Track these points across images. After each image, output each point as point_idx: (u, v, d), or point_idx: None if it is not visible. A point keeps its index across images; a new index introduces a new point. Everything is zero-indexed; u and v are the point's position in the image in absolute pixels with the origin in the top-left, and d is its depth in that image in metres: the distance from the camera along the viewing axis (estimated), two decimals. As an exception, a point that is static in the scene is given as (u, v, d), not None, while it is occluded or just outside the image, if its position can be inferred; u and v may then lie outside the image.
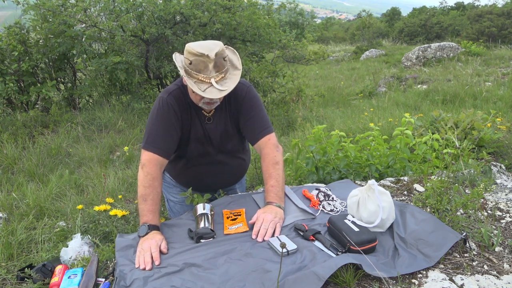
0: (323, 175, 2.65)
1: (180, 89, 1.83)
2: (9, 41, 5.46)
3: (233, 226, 1.64)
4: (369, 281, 1.38)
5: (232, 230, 1.62)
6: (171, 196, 2.18)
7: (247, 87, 1.90)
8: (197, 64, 1.62)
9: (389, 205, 1.65)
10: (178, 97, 1.81)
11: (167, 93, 1.81)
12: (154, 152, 1.75)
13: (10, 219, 2.61)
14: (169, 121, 1.78)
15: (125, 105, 6.07)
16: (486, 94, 6.92)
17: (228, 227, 1.65)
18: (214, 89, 1.63)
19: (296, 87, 8.29)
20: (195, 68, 1.63)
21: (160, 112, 1.78)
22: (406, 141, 2.59)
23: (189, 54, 1.64)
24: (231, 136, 1.92)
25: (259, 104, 1.91)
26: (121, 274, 1.39)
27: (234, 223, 1.67)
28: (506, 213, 1.91)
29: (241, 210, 1.79)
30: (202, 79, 1.63)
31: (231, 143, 1.94)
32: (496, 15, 17.30)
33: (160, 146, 1.76)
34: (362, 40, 20.93)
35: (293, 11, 25.49)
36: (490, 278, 1.38)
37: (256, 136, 1.88)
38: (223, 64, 1.67)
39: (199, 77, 1.63)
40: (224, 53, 1.68)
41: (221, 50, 1.65)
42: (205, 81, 1.63)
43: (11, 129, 4.96)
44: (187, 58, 1.65)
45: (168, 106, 1.78)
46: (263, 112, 1.92)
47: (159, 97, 1.82)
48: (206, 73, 1.63)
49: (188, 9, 6.01)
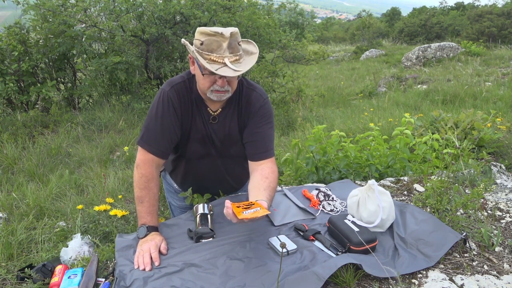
0: (323, 175, 2.65)
1: (185, 82, 1.71)
2: (9, 41, 5.46)
3: (249, 210, 1.42)
4: (369, 281, 1.38)
5: (248, 215, 1.37)
6: (173, 201, 2.14)
7: (264, 99, 1.76)
8: (210, 44, 1.49)
9: (389, 205, 1.65)
10: (181, 92, 1.69)
11: (170, 85, 1.69)
12: (149, 151, 1.67)
13: (10, 219, 2.61)
14: (167, 118, 1.67)
15: (125, 105, 6.06)
16: (486, 94, 6.92)
17: (243, 212, 1.40)
18: (227, 68, 1.49)
19: (296, 87, 8.29)
20: (207, 49, 1.50)
21: (160, 107, 1.67)
22: (406, 141, 2.59)
23: (201, 35, 1.51)
24: (235, 141, 1.79)
25: (271, 122, 1.77)
26: (120, 274, 1.39)
27: (249, 209, 1.43)
28: (506, 213, 1.91)
29: (251, 201, 1.53)
30: (214, 58, 1.49)
31: (234, 148, 1.81)
32: (496, 15, 17.30)
33: (156, 145, 1.68)
34: (362, 40, 20.94)
35: (293, 11, 25.49)
36: (490, 278, 1.38)
37: (256, 155, 1.72)
38: (238, 48, 1.54)
39: (211, 57, 1.49)
40: (239, 38, 1.56)
41: (236, 33, 1.53)
42: (218, 61, 1.49)
43: (11, 129, 4.95)
44: (198, 39, 1.52)
45: (168, 101, 1.66)
46: (271, 132, 1.78)
47: (161, 89, 1.70)
48: (220, 52, 1.49)
49: (188, 9, 6.01)
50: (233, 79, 1.61)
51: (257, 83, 1.89)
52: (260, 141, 1.73)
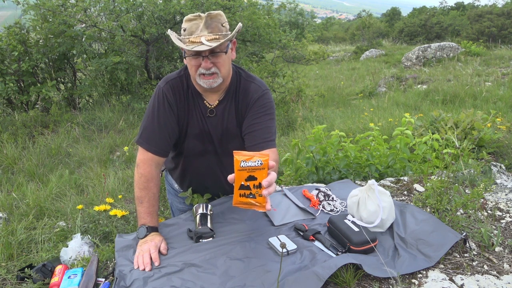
0: (323, 175, 2.65)
1: (181, 77, 1.70)
2: (9, 41, 5.46)
3: (249, 163, 1.25)
4: (369, 281, 1.38)
5: (246, 167, 1.24)
6: (175, 203, 2.13)
7: (263, 90, 1.71)
8: (190, 28, 1.52)
9: (389, 205, 1.65)
10: (176, 87, 1.68)
11: (165, 81, 1.70)
12: (148, 150, 1.66)
13: (10, 219, 2.61)
14: (163, 114, 1.66)
15: (125, 105, 6.07)
16: (486, 94, 6.92)
17: (241, 162, 1.25)
18: (203, 45, 1.49)
19: (296, 87, 8.29)
20: (188, 33, 1.53)
21: (156, 104, 1.67)
22: (406, 141, 2.59)
23: (184, 23, 1.55)
24: (233, 135, 1.74)
25: (271, 113, 1.70)
26: (120, 274, 1.39)
27: (250, 159, 1.25)
28: (506, 213, 1.91)
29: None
30: (193, 40, 1.50)
31: (233, 143, 1.75)
32: (496, 15, 17.31)
33: (154, 143, 1.66)
34: (362, 40, 20.94)
35: (293, 11, 25.49)
36: (490, 278, 1.38)
37: (254, 146, 1.62)
38: (219, 28, 1.53)
39: (190, 38, 1.51)
40: (223, 20, 1.56)
41: (217, 14, 1.54)
42: (195, 41, 1.50)
43: (11, 129, 4.96)
44: (183, 29, 1.56)
45: (163, 97, 1.66)
46: (271, 124, 1.69)
47: (157, 86, 1.70)
48: (197, 32, 1.51)
49: (188, 9, 6.01)
50: (218, 60, 1.56)
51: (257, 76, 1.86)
52: (259, 131, 1.65)
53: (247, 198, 1.27)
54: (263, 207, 1.27)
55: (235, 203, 1.30)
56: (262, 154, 1.27)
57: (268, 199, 1.29)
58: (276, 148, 1.70)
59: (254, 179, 1.25)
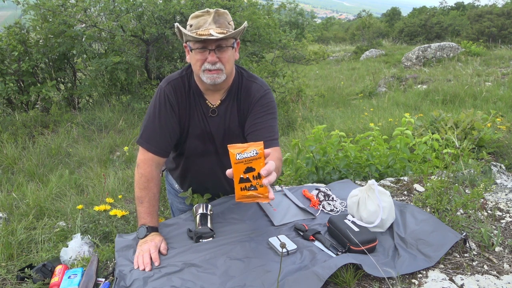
0: (323, 175, 2.65)
1: (183, 77, 1.70)
2: (9, 41, 5.46)
3: (244, 154, 1.23)
4: (369, 281, 1.38)
5: (242, 159, 1.23)
6: (175, 203, 2.13)
7: (265, 90, 1.72)
8: (197, 23, 1.53)
9: (389, 205, 1.65)
10: (178, 87, 1.68)
11: (167, 81, 1.70)
12: (149, 150, 1.67)
13: (10, 219, 2.61)
14: (165, 114, 1.66)
15: (125, 105, 6.07)
16: (486, 94, 6.93)
17: (237, 155, 1.23)
18: (212, 36, 1.50)
19: (296, 87, 8.29)
20: (195, 27, 1.53)
21: (157, 104, 1.67)
22: (406, 141, 2.59)
23: (191, 19, 1.56)
24: (235, 136, 1.74)
25: (273, 113, 1.71)
26: (120, 274, 1.39)
27: (245, 151, 1.24)
28: (506, 213, 1.91)
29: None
30: (201, 32, 1.51)
31: (234, 143, 1.79)
32: (496, 15, 17.31)
33: (155, 143, 1.67)
34: (362, 40, 20.94)
35: (293, 11, 25.49)
36: (490, 278, 1.38)
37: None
38: (226, 25, 1.56)
39: (198, 32, 1.51)
40: (229, 19, 1.58)
41: (224, 12, 1.56)
42: (204, 33, 1.50)
43: (11, 129, 4.96)
44: (188, 25, 1.57)
45: (164, 97, 1.66)
46: (274, 123, 1.70)
47: (159, 86, 1.70)
48: (205, 26, 1.52)
49: (188, 9, 6.01)
50: (224, 55, 1.57)
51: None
52: (262, 130, 1.65)
53: (248, 191, 1.24)
54: (266, 197, 1.24)
55: (237, 198, 1.27)
56: (256, 144, 1.25)
57: (270, 189, 1.26)
58: (280, 147, 1.70)
59: (252, 170, 1.23)
